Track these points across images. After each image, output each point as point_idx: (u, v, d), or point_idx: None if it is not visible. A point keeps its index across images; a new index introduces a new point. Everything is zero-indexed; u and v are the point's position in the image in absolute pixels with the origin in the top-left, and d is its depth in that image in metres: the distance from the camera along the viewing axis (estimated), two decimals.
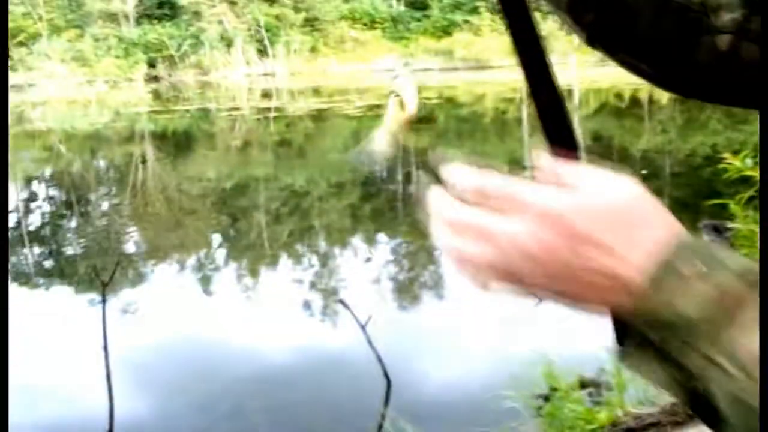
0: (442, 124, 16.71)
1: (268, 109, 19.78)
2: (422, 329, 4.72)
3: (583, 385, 3.19)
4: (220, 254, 6.75)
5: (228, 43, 33.80)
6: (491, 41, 34.80)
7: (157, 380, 3.98)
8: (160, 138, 15.66)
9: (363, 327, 3.61)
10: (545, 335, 3.44)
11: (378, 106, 18.72)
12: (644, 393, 2.96)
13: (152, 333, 4.68)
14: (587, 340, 3.48)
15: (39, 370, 4.08)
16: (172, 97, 24.11)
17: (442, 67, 33.37)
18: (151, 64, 32.40)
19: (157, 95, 24.69)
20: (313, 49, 35.72)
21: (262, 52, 34.68)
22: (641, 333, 0.47)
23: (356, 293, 5.19)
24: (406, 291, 5.50)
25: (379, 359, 3.57)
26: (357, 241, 7.14)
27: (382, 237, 7.22)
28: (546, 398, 3.08)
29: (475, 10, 37.86)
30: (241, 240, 7.22)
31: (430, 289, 5.51)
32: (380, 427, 3.15)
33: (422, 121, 16.88)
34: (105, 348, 3.30)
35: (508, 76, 24.41)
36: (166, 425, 3.44)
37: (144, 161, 12.42)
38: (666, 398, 2.81)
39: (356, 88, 24.78)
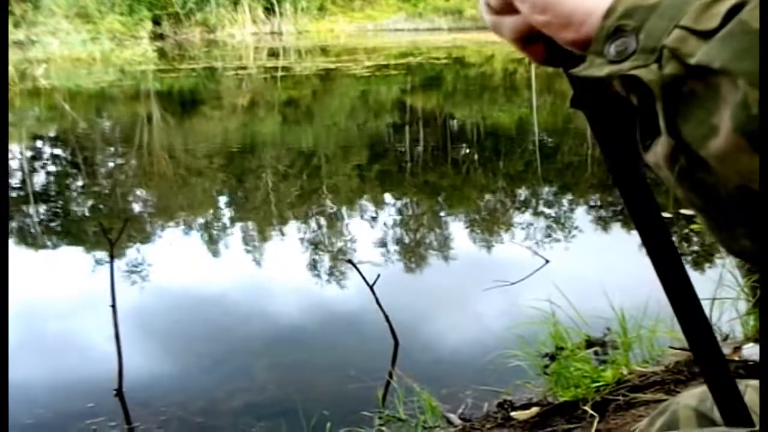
0: (450, 85, 16.60)
1: (275, 69, 19.66)
2: (430, 290, 4.73)
3: (589, 344, 3.21)
4: (227, 214, 6.76)
5: (234, 0, 33.49)
6: None
7: (164, 340, 4.01)
8: (166, 97, 15.61)
9: (371, 287, 3.63)
10: (552, 295, 3.44)
11: (386, 66, 18.61)
12: (649, 352, 2.98)
13: (159, 293, 4.71)
14: (595, 299, 3.50)
15: (46, 330, 4.11)
16: (177, 56, 23.96)
17: (451, 26, 33.06)
18: (156, 22, 32.14)
19: (162, 53, 24.54)
20: (321, 8, 35.38)
21: (269, 10, 34.36)
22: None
23: (364, 254, 5.20)
24: (414, 252, 5.51)
25: (387, 319, 3.59)
26: (364, 201, 7.14)
27: (389, 198, 7.22)
28: (552, 357, 3.10)
29: None
30: (248, 200, 7.22)
31: (438, 251, 5.52)
32: (387, 384, 3.18)
33: (430, 82, 16.80)
34: (113, 306, 3.32)
35: None
36: (174, 384, 3.47)
37: (150, 120, 12.38)
38: (670, 357, 2.83)
39: (364, 48, 24.60)
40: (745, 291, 3.40)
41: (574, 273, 4.60)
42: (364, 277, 3.68)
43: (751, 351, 2.90)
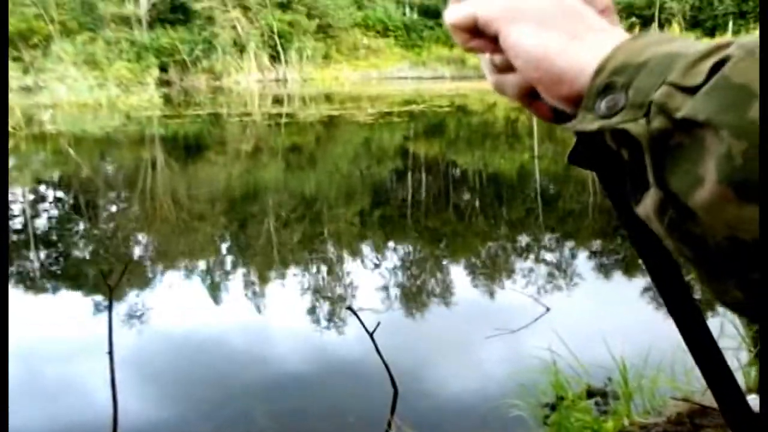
0: (452, 132, 16.70)
1: (280, 115, 19.81)
2: (431, 337, 4.70)
3: (591, 394, 3.17)
4: (228, 260, 6.76)
5: (240, 48, 33.87)
6: None
7: (163, 386, 3.98)
8: (171, 142, 15.70)
9: (371, 334, 3.61)
10: (553, 344, 3.42)
11: (389, 114, 18.74)
12: (650, 402, 2.95)
13: (159, 338, 4.69)
14: (595, 348, 3.47)
15: (43, 374, 4.08)
16: (183, 102, 24.18)
17: (454, 75, 33.38)
18: (163, 69, 32.49)
19: (168, 100, 24.76)
20: (326, 56, 35.77)
21: (275, 58, 34.76)
22: None
23: (365, 301, 5.19)
24: (416, 299, 5.49)
25: (387, 367, 3.56)
26: (366, 248, 7.14)
27: (391, 244, 7.22)
28: (553, 407, 3.07)
29: None
30: (249, 246, 7.22)
31: (439, 297, 5.50)
32: None
33: (434, 129, 16.91)
34: (110, 353, 3.31)
35: None
36: (171, 430, 3.43)
37: (154, 165, 12.44)
38: (671, 408, 2.79)
39: (368, 96, 24.80)
40: (746, 341, 3.37)
41: (575, 321, 4.58)
42: (363, 325, 3.66)
43: (753, 402, 2.86)
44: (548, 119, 0.71)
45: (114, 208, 9.28)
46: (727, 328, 3.33)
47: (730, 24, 38.44)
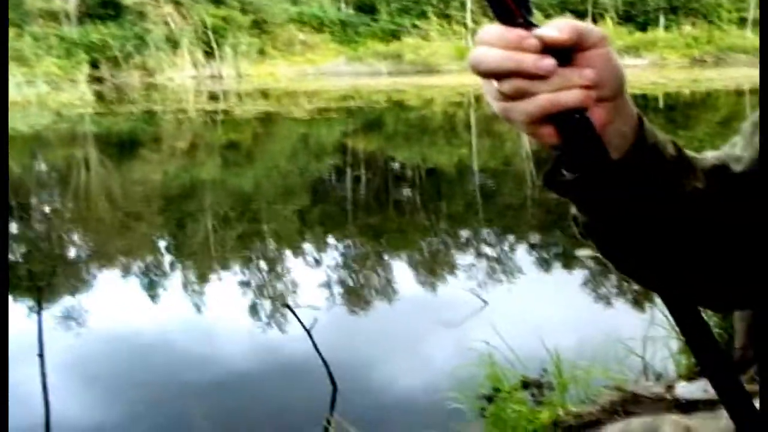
0: (391, 128, 16.75)
1: (216, 112, 19.61)
2: (370, 333, 4.72)
3: (526, 385, 3.23)
4: (166, 259, 6.68)
5: (174, 44, 33.37)
6: (439, 46, 35.04)
7: (98, 388, 3.92)
8: (105, 140, 15.43)
9: (308, 331, 3.61)
10: (491, 337, 3.47)
11: (327, 110, 18.70)
12: (585, 392, 3.02)
13: (94, 340, 4.61)
14: (531, 340, 3.54)
15: None
16: (115, 99, 23.76)
17: (391, 70, 33.46)
18: (94, 65, 31.82)
19: (100, 97, 24.30)
20: (261, 52, 35.48)
21: (209, 54, 34.34)
22: None
23: (305, 298, 5.18)
24: (355, 295, 5.51)
25: (325, 364, 3.58)
26: (305, 245, 7.13)
27: (330, 241, 7.22)
28: (489, 399, 3.12)
29: (423, 15, 38.09)
30: (187, 244, 7.15)
31: (380, 293, 5.52)
32: (325, 430, 3.15)
33: (371, 125, 16.94)
34: (41, 355, 3.25)
35: (456, 80, 24.62)
36: None
37: (87, 164, 12.21)
38: (605, 397, 2.87)
39: (305, 92, 24.71)
40: (676, 330, 3.47)
41: (512, 314, 4.65)
42: (301, 322, 3.67)
43: (684, 390, 2.95)
44: (554, 146, 0.75)
45: (47, 208, 9.08)
46: (657, 316, 3.42)
47: (662, 19, 39.30)
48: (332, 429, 3.11)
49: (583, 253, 5.46)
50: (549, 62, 0.70)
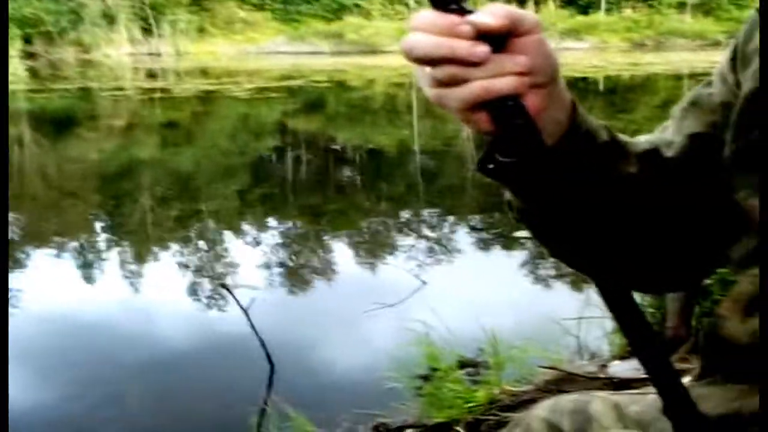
0: (332, 108, 16.69)
1: (153, 90, 19.28)
2: (309, 313, 4.72)
3: (463, 365, 3.27)
4: (102, 238, 6.56)
5: (110, 20, 32.67)
6: (382, 25, 34.99)
7: (31, 369, 3.84)
8: (39, 118, 15.05)
9: (246, 311, 3.60)
10: (429, 317, 3.50)
11: (267, 89, 18.54)
12: (521, 372, 3.07)
13: (29, 320, 4.51)
14: (469, 320, 3.58)
15: None
16: (50, 76, 23.19)
17: (333, 50, 33.31)
18: (27, 40, 30.98)
19: (34, 73, 23.68)
20: (201, 30, 34.97)
21: (147, 30, 33.72)
22: None
23: (244, 278, 5.15)
24: (295, 276, 5.49)
25: (263, 343, 3.57)
26: (245, 225, 7.08)
27: (270, 221, 7.18)
28: (427, 378, 3.15)
29: None
30: (124, 224, 7.03)
31: (319, 274, 5.51)
32: (263, 411, 3.15)
33: (312, 105, 16.85)
34: None
35: (398, 61, 24.63)
36: (38, 415, 3.32)
37: (21, 142, 11.90)
38: (540, 376, 2.92)
39: (245, 70, 24.45)
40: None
41: (451, 295, 4.69)
42: (237, 301, 3.65)
43: (617, 368, 3.02)
44: (488, 132, 0.75)
45: None
46: (592, 297, 3.48)
47: (603, 3, 39.82)
48: (269, 409, 3.11)
49: (523, 234, 5.53)
50: (482, 49, 0.69)
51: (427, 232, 6.53)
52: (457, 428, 2.60)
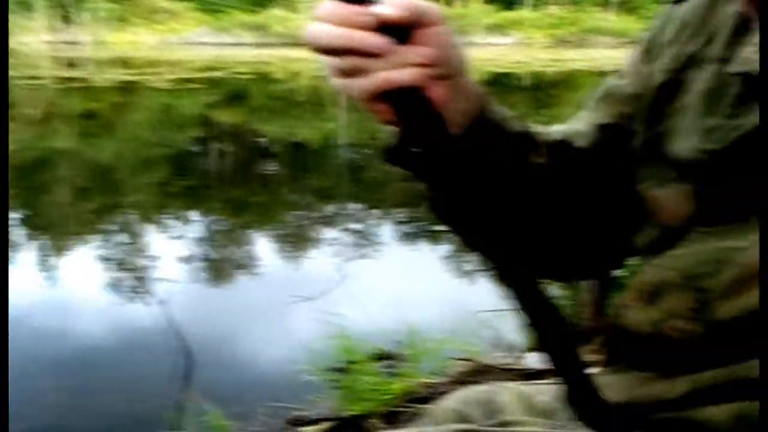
0: (256, 101, 16.55)
1: (72, 79, 18.79)
2: (230, 308, 4.68)
3: (380, 357, 3.29)
4: (18, 232, 6.38)
5: (27, 6, 31.73)
6: (307, 17, 34.82)
7: None
8: None
9: (164, 305, 3.56)
10: (349, 311, 3.52)
11: (190, 80, 18.27)
12: (438, 364, 3.11)
13: None
14: (387, 314, 3.61)
15: None
16: None
17: (257, 42, 33.01)
18: None
19: None
20: (122, 19, 34.24)
21: (66, 18, 32.84)
22: None
23: (165, 271, 5.08)
24: (217, 269, 5.44)
25: (182, 338, 3.53)
26: (167, 218, 6.97)
27: (193, 214, 7.09)
28: (343, 371, 3.16)
29: None
30: (42, 217, 6.85)
31: (241, 268, 5.47)
32: (179, 406, 3.11)
33: (235, 97, 16.67)
34: None
35: None
36: None
37: None
38: (456, 368, 2.97)
39: (167, 61, 24.03)
40: None
41: (373, 288, 4.72)
42: (157, 296, 3.60)
43: (531, 360, 3.09)
44: (391, 122, 0.75)
45: None
46: None
47: None
48: (186, 403, 3.08)
49: (446, 228, 5.57)
50: (380, 40, 0.70)
51: (350, 225, 6.54)
52: (374, 420, 2.62)
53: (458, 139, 0.79)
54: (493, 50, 28.04)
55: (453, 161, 0.77)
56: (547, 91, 18.70)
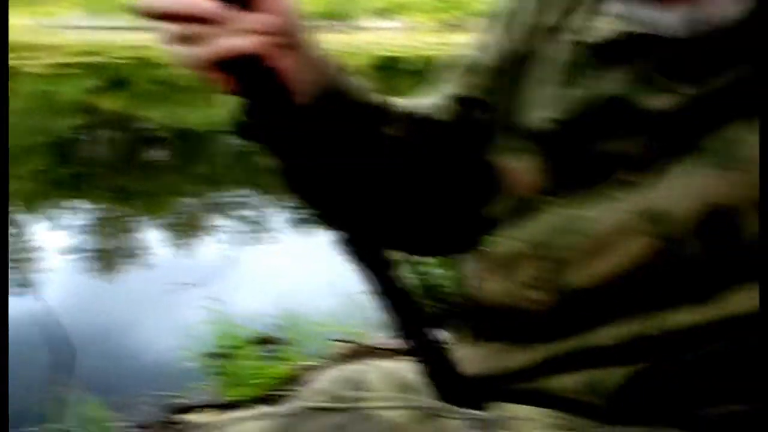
0: (138, 86, 16.15)
1: None
2: (113, 297, 4.62)
3: (262, 342, 3.34)
4: None
5: None
6: None
7: None
8: None
9: (43, 296, 3.52)
10: (235, 297, 3.55)
11: (68, 65, 17.66)
12: (321, 347, 3.18)
13: None
14: (269, 298, 3.65)
15: None
16: None
17: (134, 25, 32.09)
18: None
19: None
20: None
21: None
22: None
23: (46, 262, 4.97)
24: (102, 258, 5.35)
25: (63, 329, 3.49)
26: (48, 207, 6.78)
27: (76, 203, 6.92)
28: (225, 357, 3.19)
29: None
30: None
31: (130, 257, 5.40)
32: (58, 398, 3.08)
33: (116, 83, 16.20)
34: None
35: None
36: None
37: None
38: (337, 350, 3.05)
39: (43, 45, 23.11)
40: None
41: (262, 274, 4.74)
42: (37, 287, 3.55)
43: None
44: (233, 93, 0.77)
45: None
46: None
47: None
48: (67, 395, 3.05)
49: None
50: (214, 5, 0.69)
51: (241, 211, 6.52)
52: (252, 405, 2.66)
53: (306, 110, 0.78)
54: (381, 34, 28.10)
55: (301, 132, 0.77)
56: (434, 75, 18.88)
